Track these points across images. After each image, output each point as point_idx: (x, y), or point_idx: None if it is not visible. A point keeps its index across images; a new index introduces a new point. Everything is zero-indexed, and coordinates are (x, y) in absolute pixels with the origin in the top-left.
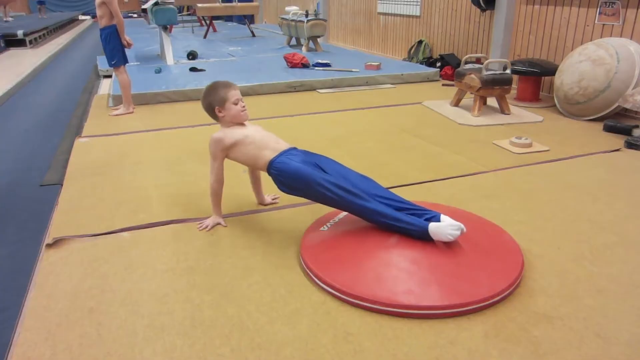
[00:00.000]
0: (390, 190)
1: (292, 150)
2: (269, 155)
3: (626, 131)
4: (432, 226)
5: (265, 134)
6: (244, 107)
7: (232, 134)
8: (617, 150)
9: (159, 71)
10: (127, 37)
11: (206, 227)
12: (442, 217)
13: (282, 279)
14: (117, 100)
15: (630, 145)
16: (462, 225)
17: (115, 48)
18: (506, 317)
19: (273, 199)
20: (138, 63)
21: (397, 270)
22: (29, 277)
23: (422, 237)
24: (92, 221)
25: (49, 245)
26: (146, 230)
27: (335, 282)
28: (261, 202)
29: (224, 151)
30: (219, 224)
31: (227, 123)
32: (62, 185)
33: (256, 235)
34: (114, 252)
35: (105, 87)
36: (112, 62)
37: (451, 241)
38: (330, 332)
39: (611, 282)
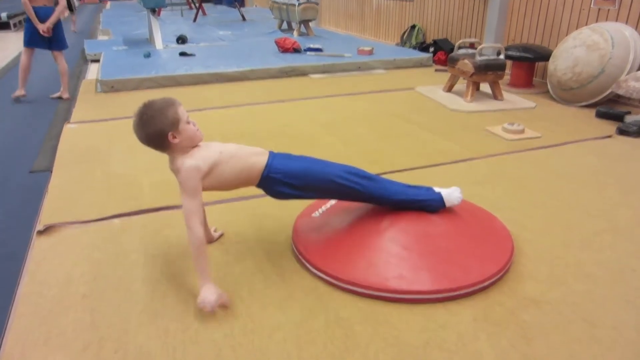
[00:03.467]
0: (382, 175)
1: (275, 153)
2: (261, 160)
3: (618, 117)
4: (444, 194)
5: (233, 144)
6: (195, 124)
7: (204, 155)
8: (609, 137)
9: (147, 55)
10: (43, 25)
11: (209, 306)
12: (435, 188)
13: (273, 264)
14: (105, 85)
15: (622, 132)
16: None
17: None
18: (495, 301)
19: (219, 235)
20: (126, 47)
21: (389, 255)
22: (20, 264)
23: (437, 208)
24: (83, 208)
25: (40, 232)
26: (137, 216)
27: (327, 268)
28: (208, 239)
29: (202, 182)
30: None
31: (182, 150)
32: (51, 172)
33: (247, 221)
34: (106, 239)
35: (94, 71)
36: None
37: (455, 206)
38: (322, 317)
39: (599, 268)
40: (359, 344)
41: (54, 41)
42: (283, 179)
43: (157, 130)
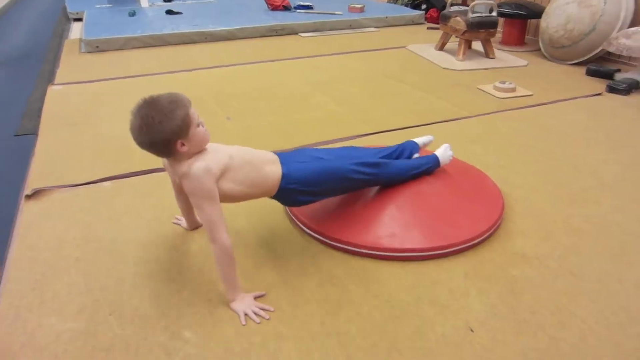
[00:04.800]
0: (374, 135)
1: (286, 153)
2: (275, 170)
3: (608, 75)
4: (439, 154)
5: (242, 147)
6: (203, 124)
7: (214, 158)
8: (599, 94)
9: (133, 14)
10: None
11: (257, 317)
12: (421, 140)
13: (266, 225)
14: (89, 45)
15: (611, 90)
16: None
17: None
18: (485, 258)
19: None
20: (110, 5)
21: (381, 215)
22: (9, 229)
23: (434, 169)
24: (72, 171)
25: (28, 197)
26: (129, 179)
27: (320, 228)
28: (195, 226)
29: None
30: (257, 297)
31: (188, 156)
32: (37, 135)
33: None
34: (97, 202)
35: (77, 31)
36: None
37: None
38: (315, 276)
39: (586, 223)
40: (352, 301)
41: None
42: (300, 188)
43: (165, 137)
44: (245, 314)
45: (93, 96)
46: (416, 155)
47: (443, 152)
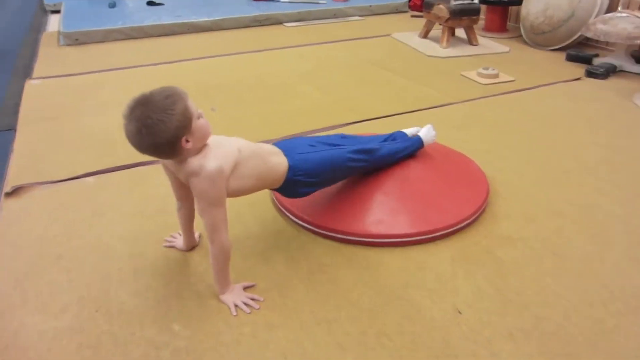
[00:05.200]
0: (361, 123)
1: (282, 143)
2: (281, 161)
3: (587, 60)
4: (422, 135)
5: (242, 140)
6: (203, 115)
7: (224, 154)
8: (578, 79)
9: (113, 5)
10: None
11: (247, 308)
12: (410, 131)
13: (254, 215)
14: (68, 38)
15: (590, 74)
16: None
17: None
18: (472, 241)
19: (198, 239)
20: None
21: (368, 202)
22: None
23: (418, 150)
24: (53, 167)
25: (7, 194)
26: (112, 174)
27: (308, 216)
28: (191, 245)
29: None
30: (246, 288)
31: (194, 152)
32: (15, 130)
33: None
34: (79, 198)
35: (55, 23)
36: None
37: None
38: (304, 265)
39: (568, 204)
40: (342, 288)
41: None
42: (305, 179)
43: (169, 137)
44: (235, 305)
45: (73, 90)
46: None
47: (427, 133)
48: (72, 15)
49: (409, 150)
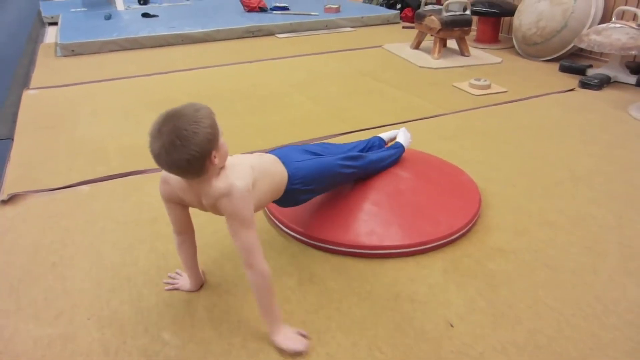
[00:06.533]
0: (352, 133)
1: (276, 152)
2: (281, 170)
3: (581, 71)
4: (402, 141)
5: (248, 155)
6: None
7: (244, 174)
8: (572, 90)
9: (108, 17)
10: None
11: (304, 347)
12: (386, 135)
13: None
14: (65, 49)
15: (584, 85)
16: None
17: None
18: (463, 253)
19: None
20: (85, 9)
21: (360, 212)
22: None
23: (401, 155)
24: (48, 176)
25: (4, 202)
26: (105, 182)
27: (298, 227)
28: (199, 284)
29: None
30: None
31: (215, 170)
32: (13, 139)
33: None
34: (74, 206)
35: (52, 35)
36: None
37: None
38: (295, 275)
39: (560, 215)
40: (333, 299)
41: None
42: (302, 187)
43: (202, 149)
44: (295, 350)
45: (69, 100)
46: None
47: (404, 138)
48: (69, 27)
49: (394, 157)
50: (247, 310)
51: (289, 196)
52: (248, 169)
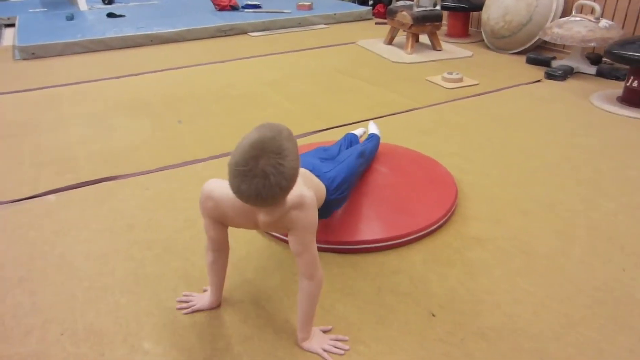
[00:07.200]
0: (329, 130)
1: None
2: (318, 181)
3: (545, 63)
4: (376, 133)
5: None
6: None
7: (301, 182)
8: (538, 81)
9: (70, 18)
10: None
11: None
12: (357, 132)
13: None
14: (24, 52)
15: (549, 76)
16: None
17: None
18: (443, 243)
19: None
20: (45, 9)
21: (340, 209)
22: None
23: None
24: (12, 186)
25: None
26: (76, 190)
27: None
28: (219, 302)
29: None
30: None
31: None
32: None
33: (194, 186)
34: (41, 217)
35: (9, 37)
36: None
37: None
38: (277, 274)
39: (533, 203)
40: None
41: None
42: (339, 197)
43: (294, 176)
44: (325, 350)
45: (31, 106)
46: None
47: (376, 129)
48: (28, 29)
49: (376, 149)
50: (230, 314)
51: (325, 209)
52: (300, 179)
